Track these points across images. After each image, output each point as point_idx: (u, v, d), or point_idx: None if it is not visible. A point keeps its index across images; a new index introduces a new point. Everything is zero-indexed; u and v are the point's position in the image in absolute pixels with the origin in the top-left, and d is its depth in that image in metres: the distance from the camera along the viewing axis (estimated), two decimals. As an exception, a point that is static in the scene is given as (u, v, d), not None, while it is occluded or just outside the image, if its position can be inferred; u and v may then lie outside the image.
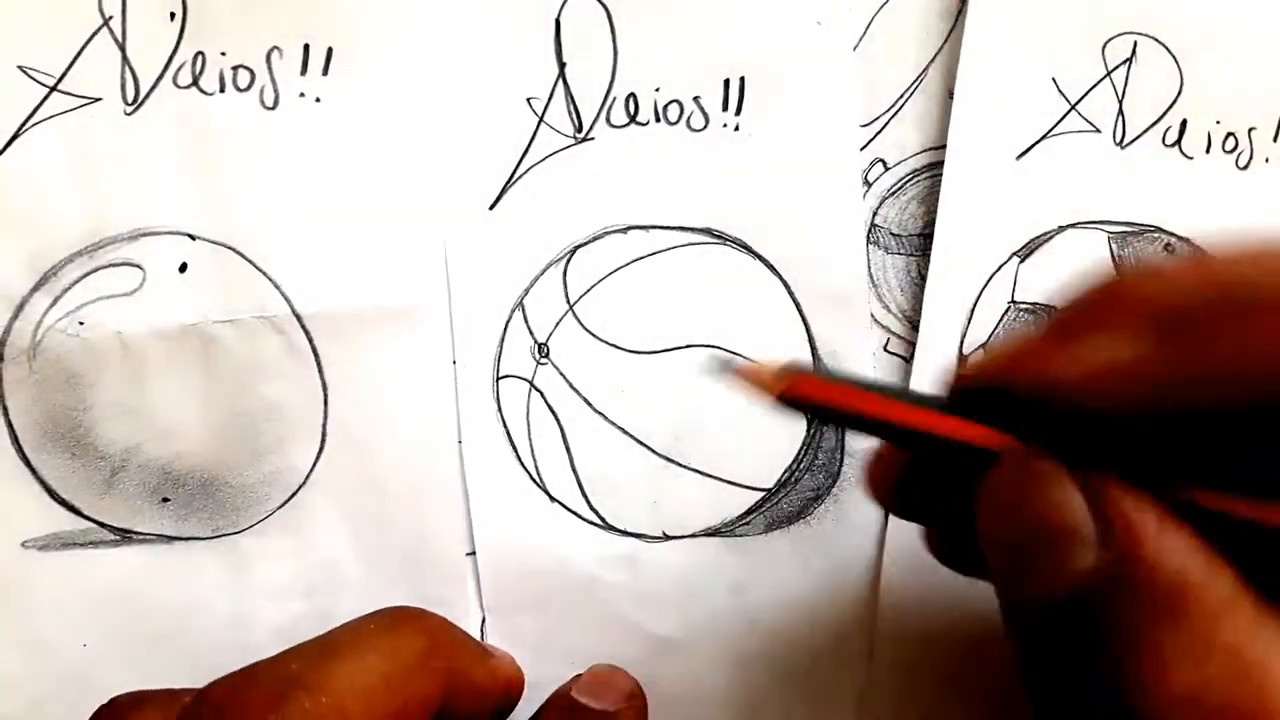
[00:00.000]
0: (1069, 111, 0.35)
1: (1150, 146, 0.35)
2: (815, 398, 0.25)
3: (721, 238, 0.36)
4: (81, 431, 0.35)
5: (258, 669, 0.28)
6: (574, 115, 0.36)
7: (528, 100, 0.36)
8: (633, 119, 0.36)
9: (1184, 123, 0.35)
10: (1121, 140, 0.35)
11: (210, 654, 0.35)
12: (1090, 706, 0.22)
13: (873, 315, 0.36)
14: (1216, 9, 0.35)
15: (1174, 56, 0.35)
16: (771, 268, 0.36)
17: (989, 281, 0.35)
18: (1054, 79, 0.35)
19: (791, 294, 0.36)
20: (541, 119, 0.36)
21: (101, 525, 0.35)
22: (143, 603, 0.35)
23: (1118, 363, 0.23)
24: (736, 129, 0.36)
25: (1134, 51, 0.35)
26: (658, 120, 0.36)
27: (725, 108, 0.36)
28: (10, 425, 0.35)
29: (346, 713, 0.27)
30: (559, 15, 0.36)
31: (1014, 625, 0.24)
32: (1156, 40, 0.35)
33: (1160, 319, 0.23)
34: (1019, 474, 0.23)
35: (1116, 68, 0.35)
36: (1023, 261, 0.35)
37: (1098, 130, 0.35)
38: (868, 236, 0.36)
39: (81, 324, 0.35)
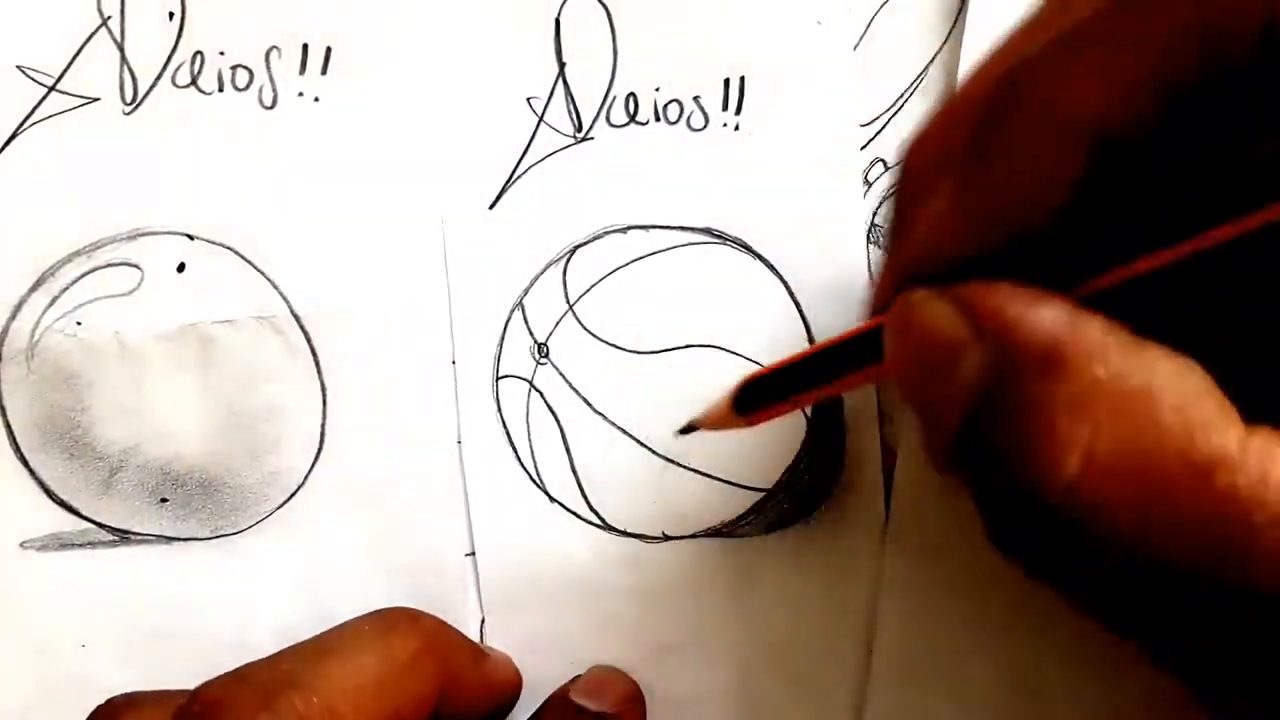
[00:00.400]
0: None
1: None
2: (770, 417, 0.29)
3: (722, 238, 0.36)
4: (80, 432, 0.35)
5: (250, 669, 0.28)
6: (574, 115, 0.36)
7: (527, 100, 0.36)
8: (633, 118, 0.36)
9: None
10: None
11: (209, 655, 0.34)
12: (1012, 496, 0.22)
13: (872, 315, 0.36)
14: None
15: None
16: (772, 268, 0.36)
17: None
18: None
19: (792, 294, 0.35)
20: (541, 118, 0.36)
21: (100, 526, 0.35)
22: (141, 603, 0.35)
23: (932, 223, 0.24)
24: (737, 129, 0.36)
25: None
26: (658, 120, 0.36)
27: (725, 107, 0.36)
28: (8, 426, 0.35)
29: (338, 713, 0.27)
30: (559, 14, 0.36)
31: (952, 462, 0.24)
32: None
33: (946, 163, 0.24)
34: (899, 312, 0.24)
35: None
36: None
37: None
38: (867, 236, 0.36)
39: (79, 324, 0.35)
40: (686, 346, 0.35)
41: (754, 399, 0.29)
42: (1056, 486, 0.20)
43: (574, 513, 0.35)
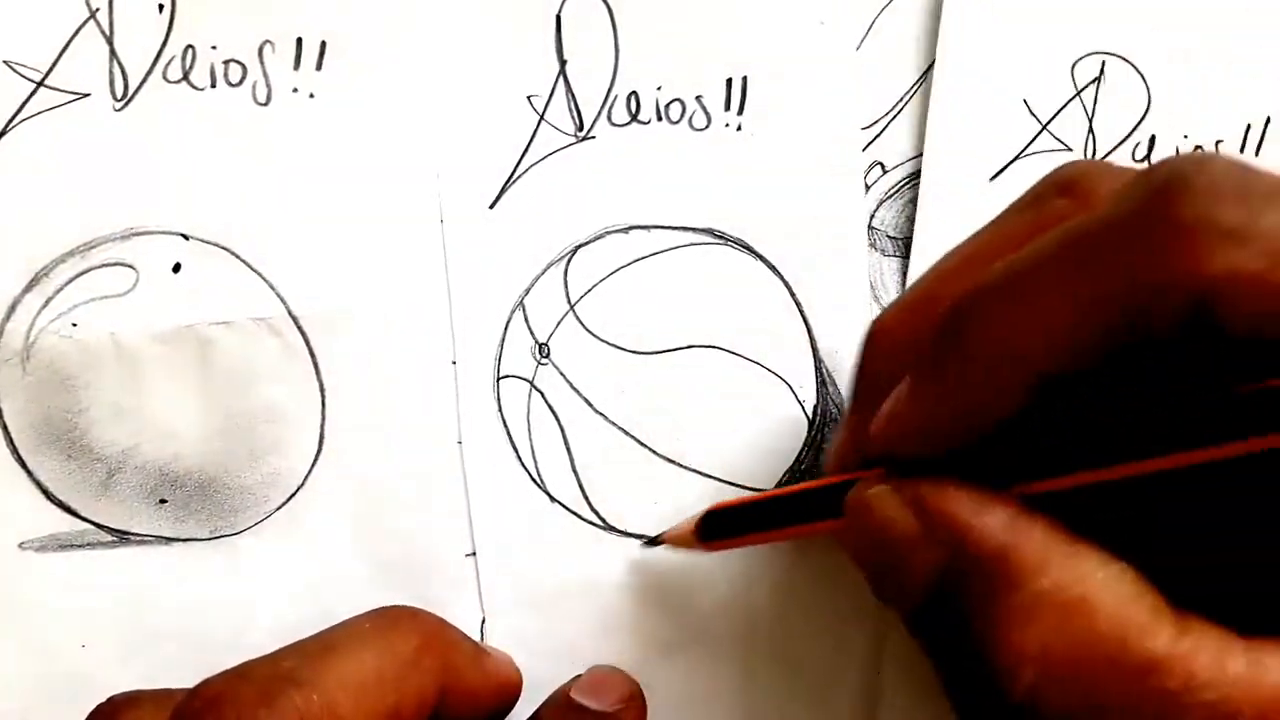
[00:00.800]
0: (1040, 131, 0.36)
1: (1120, 162, 0.35)
2: (730, 548, 0.32)
3: (723, 238, 0.35)
4: (77, 433, 0.35)
5: (251, 666, 0.28)
6: (575, 113, 0.35)
7: (528, 98, 0.35)
8: (634, 118, 0.35)
9: (1152, 138, 0.36)
10: (1093, 157, 0.36)
11: (209, 655, 0.34)
12: (975, 689, 0.24)
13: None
14: (1181, 28, 0.36)
15: (1141, 74, 0.36)
16: (773, 268, 0.35)
17: None
18: (1025, 100, 0.36)
19: (793, 294, 0.35)
20: (542, 117, 0.35)
21: (99, 527, 0.35)
22: (141, 604, 0.35)
23: (892, 415, 0.26)
24: (739, 129, 0.35)
25: (1102, 70, 0.36)
26: (659, 119, 0.35)
27: (728, 107, 0.35)
28: (5, 428, 0.35)
29: (338, 710, 0.27)
30: (560, 12, 0.35)
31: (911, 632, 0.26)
32: (1124, 59, 0.36)
33: (906, 361, 0.27)
34: (857, 503, 0.27)
35: (1086, 87, 0.36)
36: None
37: (1069, 149, 0.36)
38: (868, 238, 0.36)
39: (74, 325, 0.34)
40: (688, 347, 0.35)
41: (718, 528, 0.31)
42: (1016, 691, 0.23)
43: (575, 513, 0.35)
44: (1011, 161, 0.36)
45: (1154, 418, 0.23)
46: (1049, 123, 0.36)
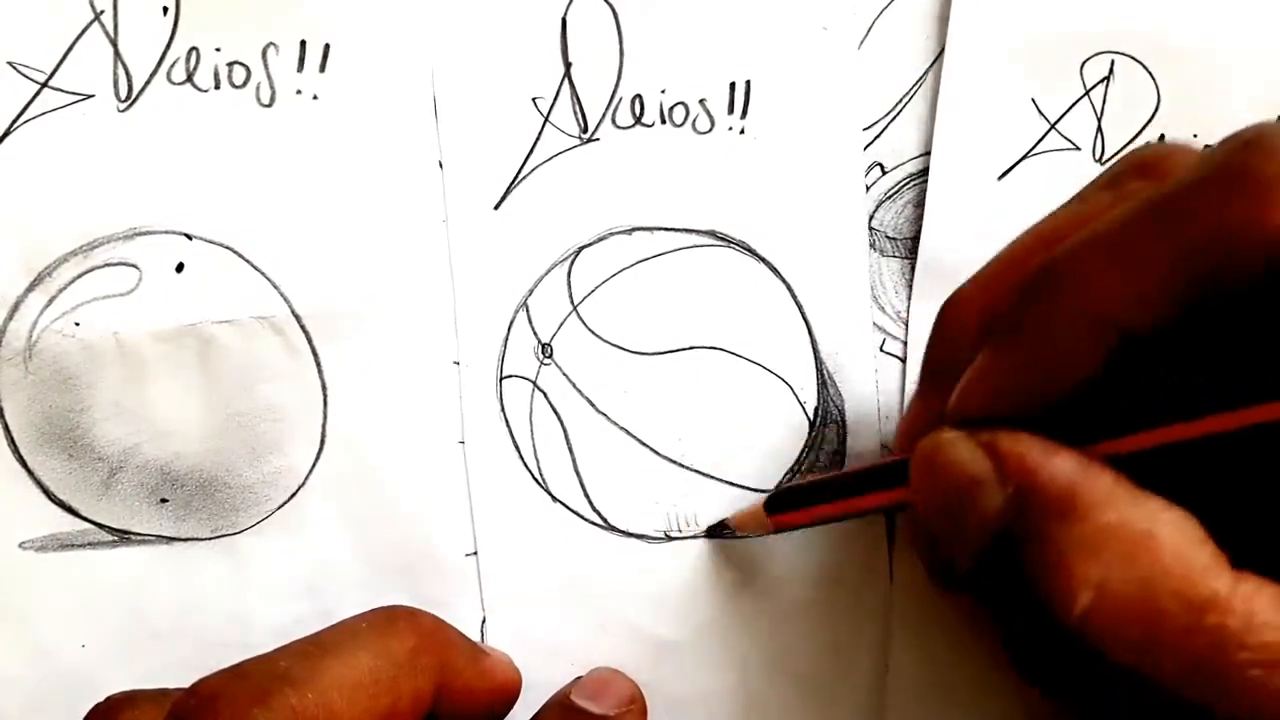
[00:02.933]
0: (1049, 131, 0.36)
1: None
2: (797, 523, 0.32)
3: (726, 240, 0.36)
4: (79, 433, 0.35)
5: (247, 665, 0.28)
6: (579, 116, 0.36)
7: (533, 100, 0.35)
8: (638, 120, 0.36)
9: (1161, 137, 0.36)
10: (1101, 157, 0.36)
11: (209, 655, 0.34)
12: (1037, 635, 0.25)
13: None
14: (1190, 26, 0.36)
15: (1150, 73, 0.36)
16: (774, 270, 0.36)
17: None
18: (1033, 99, 0.36)
19: (794, 297, 0.36)
20: (547, 119, 0.36)
21: (99, 526, 0.35)
22: (142, 603, 0.35)
23: (972, 381, 0.27)
24: (742, 132, 0.36)
25: (1111, 70, 0.36)
26: (663, 122, 0.36)
27: (731, 111, 0.36)
28: (6, 427, 0.34)
29: (333, 709, 0.27)
30: (565, 15, 0.35)
31: (962, 585, 0.27)
32: (1133, 58, 0.36)
33: (984, 326, 0.27)
34: (929, 448, 0.27)
35: (1094, 86, 0.36)
36: None
37: (1078, 148, 0.36)
38: (869, 240, 0.36)
39: (77, 325, 0.34)
40: (690, 348, 0.36)
41: (785, 505, 0.32)
42: (1072, 611, 0.23)
43: (576, 513, 0.35)
44: (1019, 161, 0.36)
45: (1226, 378, 0.23)
46: (1057, 122, 0.36)
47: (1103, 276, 0.24)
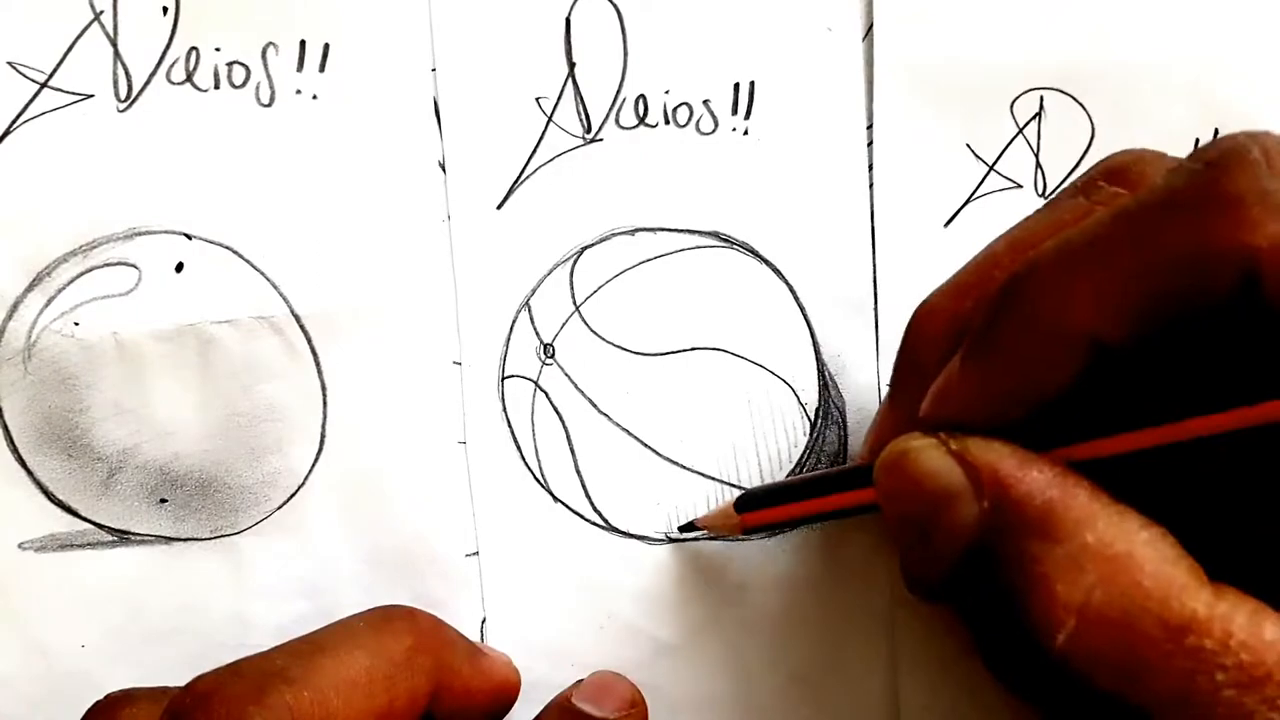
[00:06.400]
0: (988, 173, 0.36)
1: None
2: (766, 522, 0.32)
3: (728, 242, 0.36)
4: (78, 433, 0.34)
5: (244, 663, 0.28)
6: (583, 116, 0.36)
7: (537, 100, 0.35)
8: (642, 121, 0.36)
9: None
10: (1044, 191, 0.36)
11: (209, 655, 0.34)
12: (1016, 650, 0.24)
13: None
14: (1107, 52, 0.36)
15: (1081, 104, 0.36)
16: (778, 272, 0.36)
17: None
18: (968, 144, 0.36)
19: (797, 299, 0.36)
20: (550, 119, 0.35)
21: (99, 526, 0.35)
22: (141, 604, 0.35)
23: (943, 390, 0.27)
24: (745, 133, 0.36)
25: (1041, 105, 0.36)
26: (667, 123, 0.36)
27: (735, 112, 0.36)
28: (6, 427, 0.34)
29: (329, 707, 0.27)
30: (569, 14, 0.35)
31: (940, 596, 0.27)
32: (1061, 91, 0.36)
33: (954, 335, 0.27)
34: (896, 454, 0.27)
35: (1028, 123, 0.36)
36: None
37: (1019, 186, 0.36)
38: (871, 242, 0.36)
39: (77, 325, 0.34)
40: (692, 349, 0.36)
41: (754, 505, 0.32)
42: (1055, 640, 0.23)
43: (578, 514, 0.35)
44: (963, 206, 0.36)
45: (1198, 388, 0.23)
46: (995, 163, 0.36)
47: (1076, 289, 0.24)
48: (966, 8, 0.36)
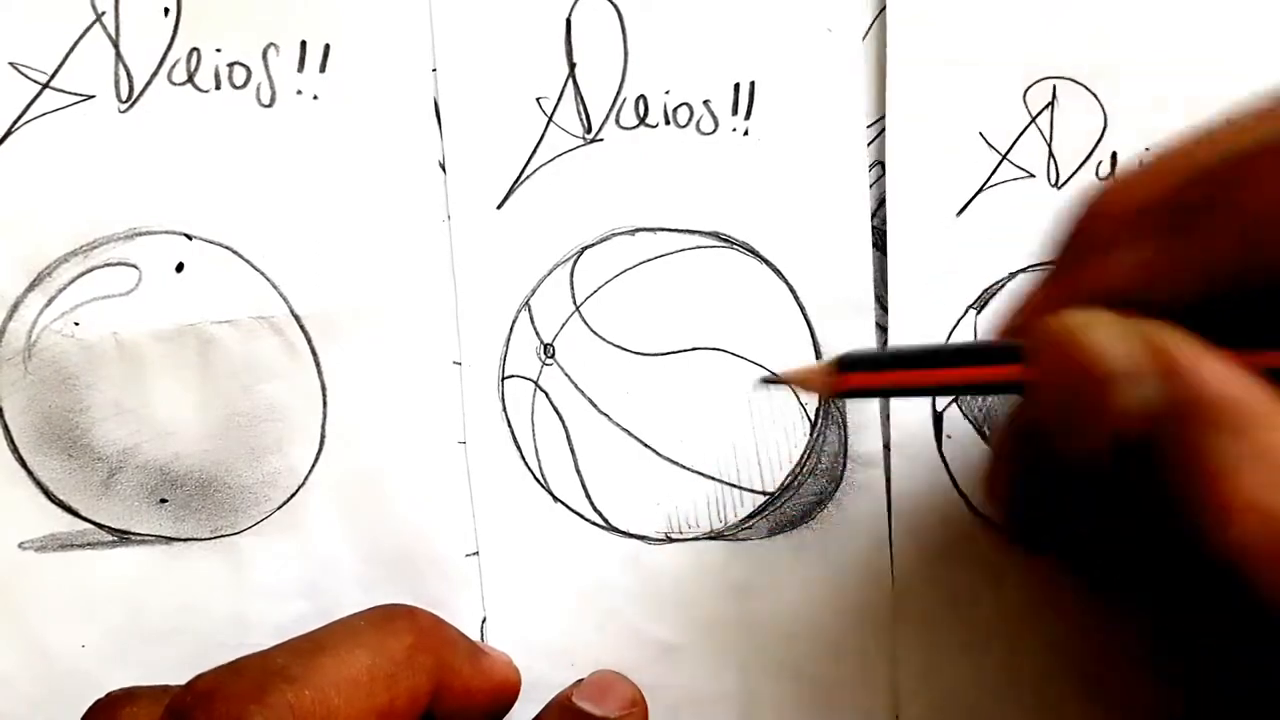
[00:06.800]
0: (1001, 162, 0.36)
1: (1086, 182, 0.36)
2: (868, 386, 0.28)
3: (729, 242, 0.36)
4: (78, 433, 0.34)
5: (244, 662, 0.28)
6: (583, 116, 0.36)
7: (537, 100, 0.35)
8: (642, 121, 0.36)
9: (1114, 155, 0.36)
10: (1057, 181, 0.36)
11: (209, 655, 0.34)
12: (1164, 546, 0.22)
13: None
14: (1125, 42, 0.36)
15: (1093, 93, 0.36)
16: (778, 272, 0.36)
17: (949, 337, 0.35)
18: (980, 133, 0.36)
19: (797, 299, 0.36)
20: (550, 119, 0.36)
21: (99, 526, 0.35)
22: (141, 604, 0.35)
23: (1138, 265, 0.24)
24: (746, 133, 0.36)
25: (1054, 95, 0.36)
26: (667, 123, 0.36)
27: (735, 112, 0.36)
28: (6, 427, 0.34)
29: (330, 706, 0.27)
30: (570, 15, 0.35)
31: (1072, 487, 0.24)
32: (1074, 81, 0.36)
33: (1148, 219, 0.25)
34: (1063, 326, 0.24)
35: (1040, 112, 0.36)
36: (979, 312, 0.35)
37: (1032, 175, 0.36)
38: (872, 242, 0.36)
39: (77, 325, 0.34)
40: (692, 349, 0.36)
41: (858, 365, 0.28)
42: (1225, 539, 0.21)
43: (578, 513, 0.35)
44: (975, 195, 0.36)
45: None
46: (1008, 153, 0.36)
47: (1265, 186, 0.22)
48: (980, -3, 0.35)
